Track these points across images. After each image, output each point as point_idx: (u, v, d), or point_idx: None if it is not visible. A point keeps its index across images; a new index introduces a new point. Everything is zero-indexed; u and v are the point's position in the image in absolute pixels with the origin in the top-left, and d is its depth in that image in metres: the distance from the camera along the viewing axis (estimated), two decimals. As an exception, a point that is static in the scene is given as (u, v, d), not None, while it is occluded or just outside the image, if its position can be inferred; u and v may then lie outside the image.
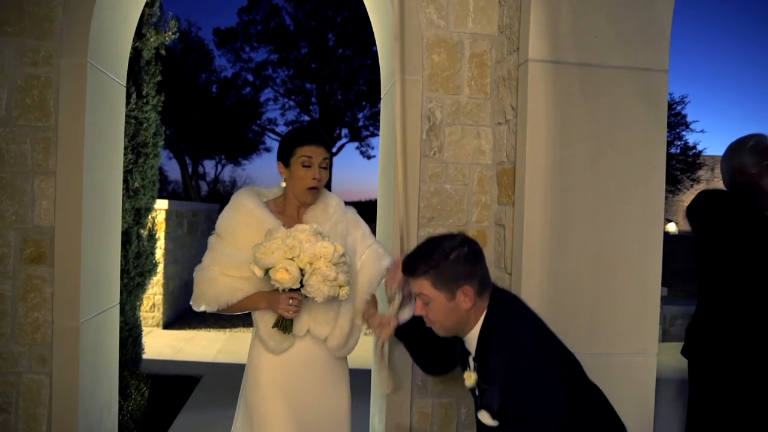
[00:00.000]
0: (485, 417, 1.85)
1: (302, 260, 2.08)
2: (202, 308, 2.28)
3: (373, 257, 2.46)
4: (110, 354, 3.39)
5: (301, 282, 2.12)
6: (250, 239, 2.21)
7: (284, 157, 2.33)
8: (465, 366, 2.03)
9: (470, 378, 1.90)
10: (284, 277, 2.08)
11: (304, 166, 2.28)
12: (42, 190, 2.87)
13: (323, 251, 2.09)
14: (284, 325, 2.22)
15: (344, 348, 2.39)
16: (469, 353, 1.97)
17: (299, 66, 24.23)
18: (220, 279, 2.25)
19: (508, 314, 1.91)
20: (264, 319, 2.29)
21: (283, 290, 2.15)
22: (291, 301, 2.17)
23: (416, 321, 2.24)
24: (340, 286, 2.15)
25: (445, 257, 1.88)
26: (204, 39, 28.95)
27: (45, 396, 2.89)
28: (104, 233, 3.22)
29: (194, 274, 2.30)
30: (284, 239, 2.09)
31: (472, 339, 1.94)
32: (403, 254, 2.32)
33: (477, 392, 1.94)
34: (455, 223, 3.01)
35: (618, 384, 2.48)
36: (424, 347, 2.29)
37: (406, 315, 2.38)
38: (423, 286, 1.91)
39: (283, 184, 2.38)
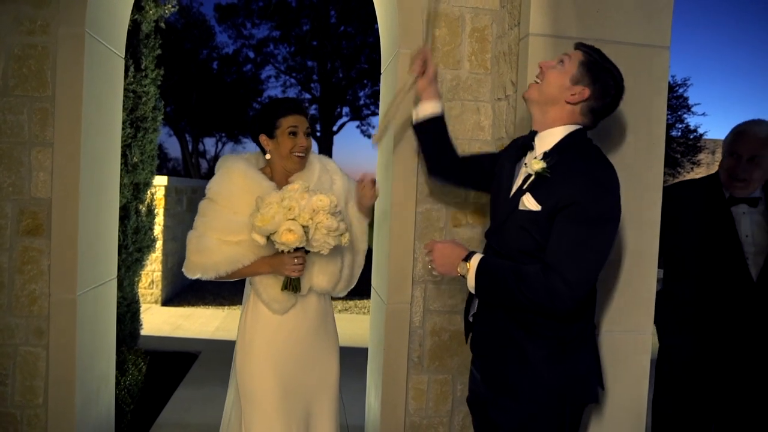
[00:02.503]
0: (529, 200, 1.90)
1: (303, 217, 2.10)
2: (197, 276, 2.28)
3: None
4: (107, 327, 3.39)
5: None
6: (248, 203, 2.22)
7: (268, 130, 2.35)
8: (513, 165, 2.10)
9: (538, 164, 1.91)
10: (290, 239, 2.10)
11: (290, 135, 2.33)
12: (39, 161, 2.86)
13: (320, 204, 2.12)
14: (293, 285, 2.26)
15: (349, 286, 2.51)
16: (531, 149, 2.02)
17: (301, 43, 24.04)
18: (219, 247, 2.24)
19: (596, 148, 1.99)
20: (265, 284, 2.31)
21: (288, 251, 2.17)
22: (296, 260, 2.21)
23: (435, 122, 2.39)
24: (341, 234, 2.19)
25: (604, 62, 1.95)
26: (205, 14, 28.79)
27: (42, 368, 2.90)
28: (102, 206, 3.21)
29: (188, 240, 2.29)
30: (280, 202, 2.10)
31: (549, 135, 1.98)
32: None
33: (527, 181, 1.97)
34: (453, 199, 2.99)
35: (613, 361, 2.48)
36: (438, 148, 2.43)
37: (427, 110, 2.41)
38: (574, 55, 1.97)
39: (268, 156, 2.39)
